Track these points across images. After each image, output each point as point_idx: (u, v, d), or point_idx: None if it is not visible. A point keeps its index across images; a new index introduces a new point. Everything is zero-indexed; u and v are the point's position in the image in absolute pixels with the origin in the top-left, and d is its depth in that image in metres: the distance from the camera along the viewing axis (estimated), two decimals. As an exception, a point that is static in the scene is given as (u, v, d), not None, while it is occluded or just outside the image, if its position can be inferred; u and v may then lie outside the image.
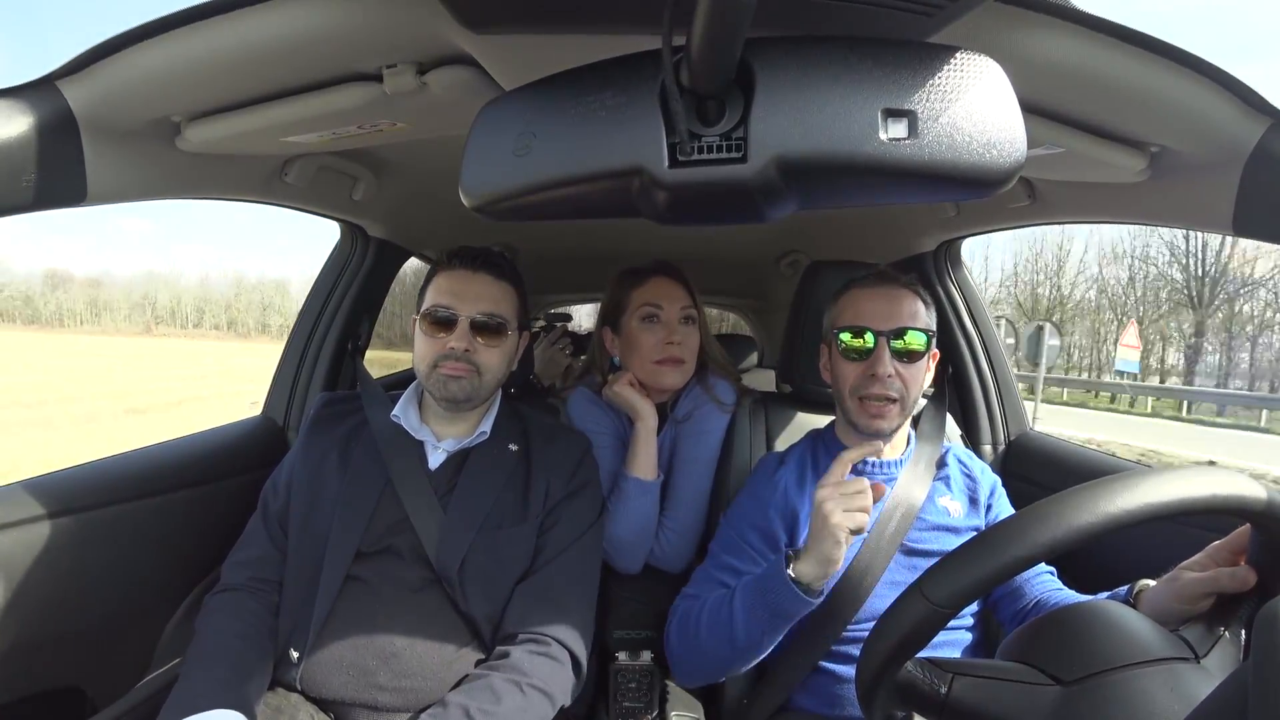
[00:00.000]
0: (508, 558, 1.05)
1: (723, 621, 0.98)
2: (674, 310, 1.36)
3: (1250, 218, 0.81)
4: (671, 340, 1.34)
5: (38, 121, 0.71)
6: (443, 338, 1.07)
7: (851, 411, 1.07)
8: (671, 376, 1.35)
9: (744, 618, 0.95)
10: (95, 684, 1.12)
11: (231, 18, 0.67)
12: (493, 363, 1.10)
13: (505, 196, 0.50)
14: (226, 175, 1.08)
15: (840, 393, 1.09)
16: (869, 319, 1.05)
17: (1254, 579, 0.64)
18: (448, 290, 1.09)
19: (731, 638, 0.96)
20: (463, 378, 1.07)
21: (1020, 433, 1.62)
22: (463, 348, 1.07)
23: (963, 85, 0.45)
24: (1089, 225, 6.37)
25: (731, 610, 0.97)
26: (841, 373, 1.08)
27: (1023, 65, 0.65)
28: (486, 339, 1.09)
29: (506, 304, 1.12)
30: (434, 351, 1.07)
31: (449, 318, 1.08)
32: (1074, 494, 0.57)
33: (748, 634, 0.95)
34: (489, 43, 0.68)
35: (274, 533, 1.08)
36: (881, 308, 1.05)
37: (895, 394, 1.03)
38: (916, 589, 0.59)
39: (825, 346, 1.17)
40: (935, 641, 1.01)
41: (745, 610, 0.95)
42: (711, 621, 1.00)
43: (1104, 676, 0.56)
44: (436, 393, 1.09)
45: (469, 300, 1.08)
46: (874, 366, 1.03)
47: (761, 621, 0.93)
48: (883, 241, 1.80)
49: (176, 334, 65.19)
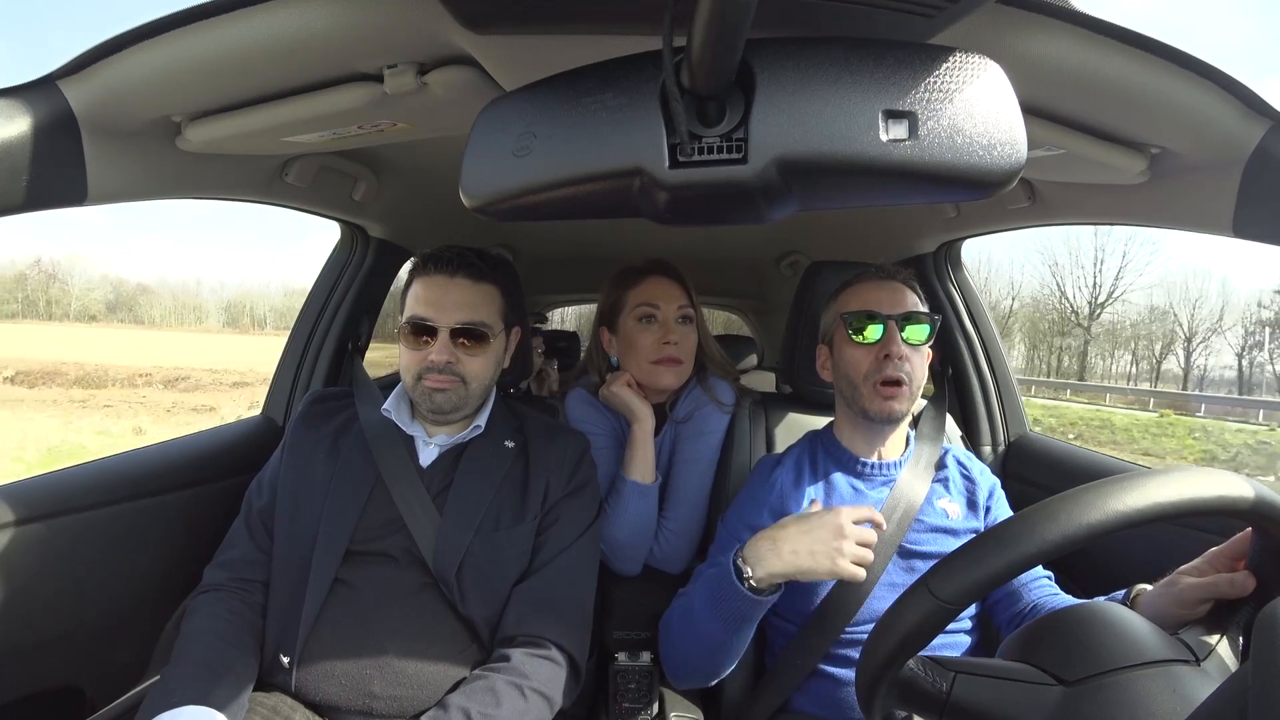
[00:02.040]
0: (506, 559, 1.04)
1: (690, 621, 0.98)
2: (671, 309, 1.35)
3: (1250, 220, 0.81)
4: (668, 340, 1.33)
5: (38, 121, 0.71)
6: (424, 350, 1.05)
7: (864, 398, 1.06)
8: (669, 376, 1.35)
9: (705, 617, 0.95)
10: (94, 683, 1.12)
11: (232, 18, 0.67)
12: (478, 370, 1.08)
13: (505, 197, 0.50)
14: (227, 175, 1.08)
15: (850, 381, 1.08)
16: (876, 305, 1.06)
17: (1252, 584, 0.64)
18: (424, 299, 1.06)
19: (700, 636, 0.97)
20: (447, 390, 1.05)
21: (1020, 434, 1.62)
22: (444, 360, 1.04)
23: (963, 86, 0.45)
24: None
25: (693, 610, 0.97)
26: (852, 361, 1.08)
27: (1023, 66, 0.65)
28: (469, 347, 1.06)
29: (487, 307, 1.09)
30: (417, 364, 1.05)
31: (428, 329, 1.05)
32: (1083, 492, 0.57)
33: (710, 634, 0.95)
34: (489, 43, 0.68)
35: (256, 532, 1.07)
36: (886, 296, 1.07)
37: (906, 376, 1.04)
38: (923, 585, 0.59)
39: (823, 346, 1.17)
40: (934, 643, 1.02)
41: (705, 610, 0.96)
42: (681, 622, 1.01)
43: (1106, 677, 0.56)
44: (423, 405, 1.07)
45: (447, 309, 1.05)
46: (887, 347, 1.04)
47: (722, 622, 0.94)
48: (883, 242, 1.80)
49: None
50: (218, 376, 20.68)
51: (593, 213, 0.52)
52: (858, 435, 1.12)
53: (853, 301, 1.09)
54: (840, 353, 1.10)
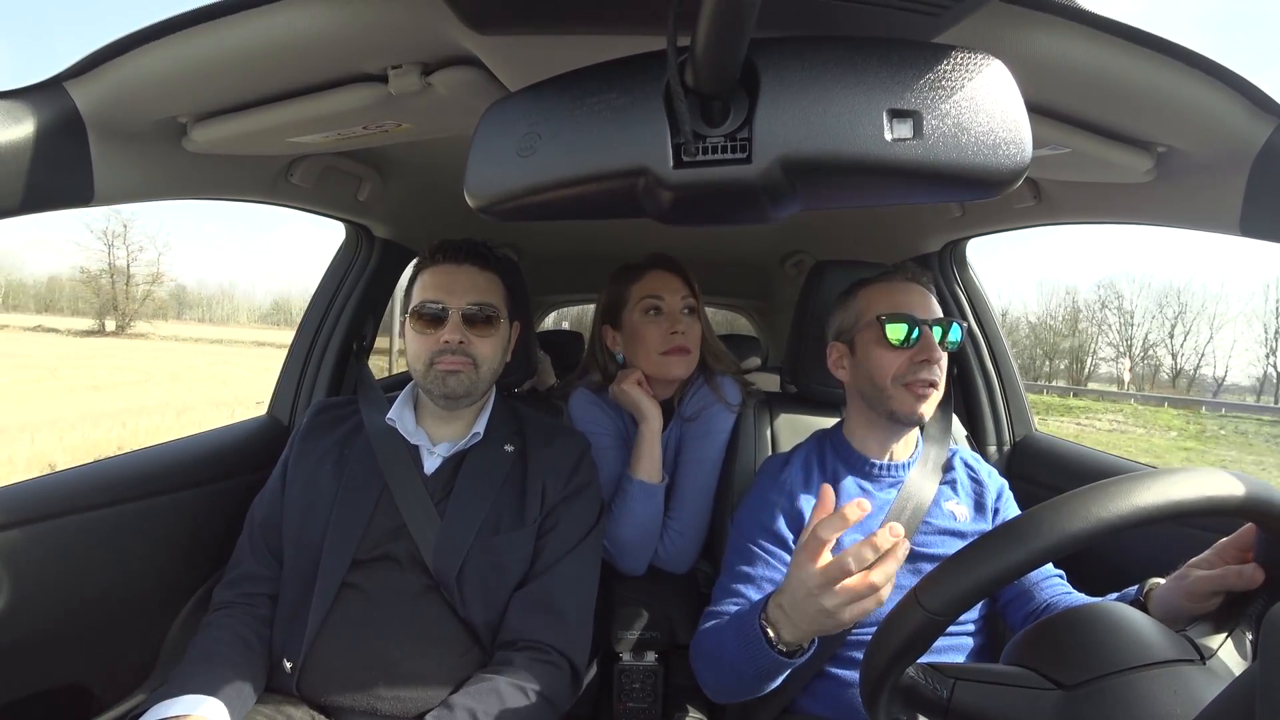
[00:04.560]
0: (506, 563, 1.04)
1: (727, 665, 0.92)
2: (675, 301, 1.36)
3: (1257, 218, 0.80)
4: (676, 330, 1.34)
5: (45, 122, 0.72)
6: (435, 333, 1.07)
7: (893, 399, 1.05)
8: (679, 366, 1.35)
9: (743, 667, 0.89)
10: (101, 682, 1.13)
11: (238, 19, 0.67)
12: (487, 353, 1.09)
13: (510, 197, 0.49)
14: (232, 176, 1.09)
15: (875, 383, 1.06)
16: (911, 308, 1.06)
17: (1261, 577, 0.64)
18: (434, 285, 1.08)
19: (740, 677, 0.91)
20: (460, 371, 1.06)
21: (1025, 434, 1.61)
22: (457, 340, 1.06)
23: (968, 85, 0.45)
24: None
25: (725, 651, 0.92)
26: (882, 362, 1.06)
27: (1029, 65, 0.65)
28: (479, 330, 1.08)
29: (495, 293, 1.12)
30: (428, 348, 1.06)
31: (439, 312, 1.07)
32: (1066, 500, 0.57)
33: (749, 678, 0.89)
34: (494, 43, 0.68)
35: (258, 548, 1.07)
36: (918, 300, 1.07)
37: (938, 379, 1.04)
38: (913, 597, 0.59)
39: (839, 345, 1.14)
40: (939, 646, 1.01)
41: (740, 660, 0.88)
42: (714, 654, 0.96)
43: (1105, 680, 0.56)
44: (435, 390, 1.07)
45: (457, 292, 1.08)
46: (927, 352, 1.03)
47: (756, 670, 0.87)
48: (888, 242, 1.80)
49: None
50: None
51: (597, 213, 0.52)
52: (872, 436, 1.11)
53: (883, 303, 1.07)
54: (868, 353, 1.08)
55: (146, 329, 37.26)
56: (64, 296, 51.34)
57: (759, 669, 0.87)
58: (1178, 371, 40.88)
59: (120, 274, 38.16)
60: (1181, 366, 40.85)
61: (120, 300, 37.78)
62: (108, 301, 37.97)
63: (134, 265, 38.55)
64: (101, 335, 33.68)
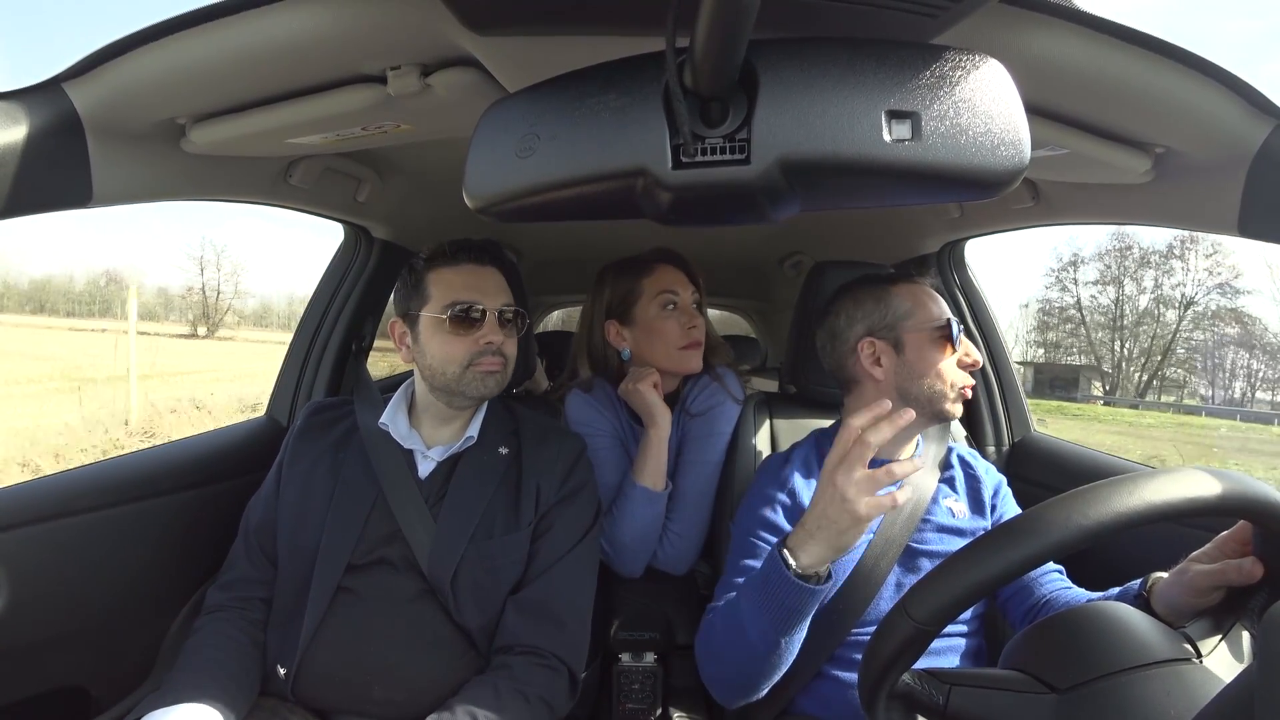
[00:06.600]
0: (501, 566, 1.03)
1: (736, 627, 0.93)
2: (688, 295, 1.37)
3: (1255, 219, 0.80)
4: (694, 324, 1.35)
5: (44, 123, 0.71)
6: (471, 334, 1.05)
7: (947, 399, 1.05)
8: (695, 360, 1.36)
9: (754, 619, 0.89)
10: (100, 684, 1.12)
11: (236, 20, 0.67)
12: (514, 354, 1.10)
13: (509, 198, 0.49)
14: (231, 177, 1.09)
15: (930, 385, 1.05)
16: (947, 312, 1.08)
17: (1260, 571, 0.64)
18: (464, 286, 1.07)
19: (748, 643, 0.91)
20: (498, 372, 1.07)
21: (1024, 434, 1.61)
22: (500, 341, 1.06)
23: (967, 86, 0.45)
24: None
25: (740, 614, 0.92)
26: (940, 366, 1.05)
27: (1027, 66, 0.65)
28: (508, 330, 1.09)
29: (515, 294, 1.13)
30: (466, 350, 1.04)
31: (477, 313, 1.06)
32: (1049, 508, 0.57)
33: (762, 637, 0.89)
34: (492, 44, 0.68)
35: (253, 552, 1.07)
36: (943, 303, 1.09)
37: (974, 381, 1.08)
38: (901, 608, 0.60)
39: (878, 342, 1.09)
40: (937, 647, 1.01)
41: (754, 611, 0.89)
42: (726, 629, 0.96)
43: (1098, 683, 0.56)
44: (472, 391, 1.05)
45: (490, 293, 1.08)
46: (969, 355, 1.07)
47: (773, 621, 0.88)
48: (886, 242, 1.80)
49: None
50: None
51: (596, 214, 0.52)
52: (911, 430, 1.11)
53: (932, 307, 1.07)
54: (923, 355, 1.05)
55: (229, 334, 46.91)
56: (168, 308, 59.75)
57: (774, 618, 0.87)
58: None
59: (210, 290, 49.66)
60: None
61: (210, 310, 49.04)
62: (199, 314, 49.15)
63: (223, 283, 50.16)
64: (194, 338, 43.03)
